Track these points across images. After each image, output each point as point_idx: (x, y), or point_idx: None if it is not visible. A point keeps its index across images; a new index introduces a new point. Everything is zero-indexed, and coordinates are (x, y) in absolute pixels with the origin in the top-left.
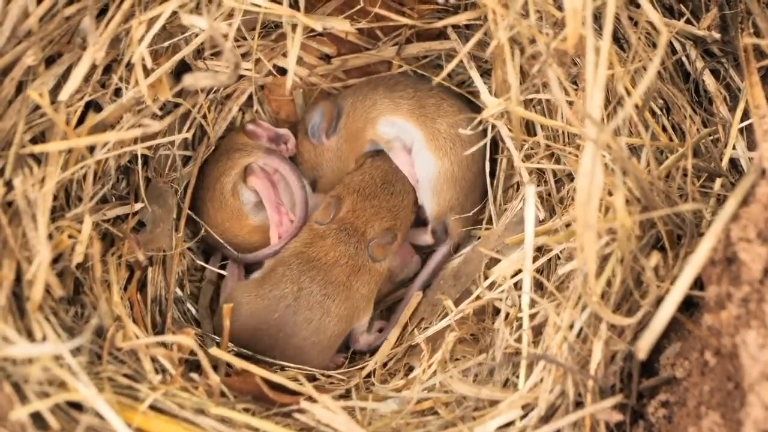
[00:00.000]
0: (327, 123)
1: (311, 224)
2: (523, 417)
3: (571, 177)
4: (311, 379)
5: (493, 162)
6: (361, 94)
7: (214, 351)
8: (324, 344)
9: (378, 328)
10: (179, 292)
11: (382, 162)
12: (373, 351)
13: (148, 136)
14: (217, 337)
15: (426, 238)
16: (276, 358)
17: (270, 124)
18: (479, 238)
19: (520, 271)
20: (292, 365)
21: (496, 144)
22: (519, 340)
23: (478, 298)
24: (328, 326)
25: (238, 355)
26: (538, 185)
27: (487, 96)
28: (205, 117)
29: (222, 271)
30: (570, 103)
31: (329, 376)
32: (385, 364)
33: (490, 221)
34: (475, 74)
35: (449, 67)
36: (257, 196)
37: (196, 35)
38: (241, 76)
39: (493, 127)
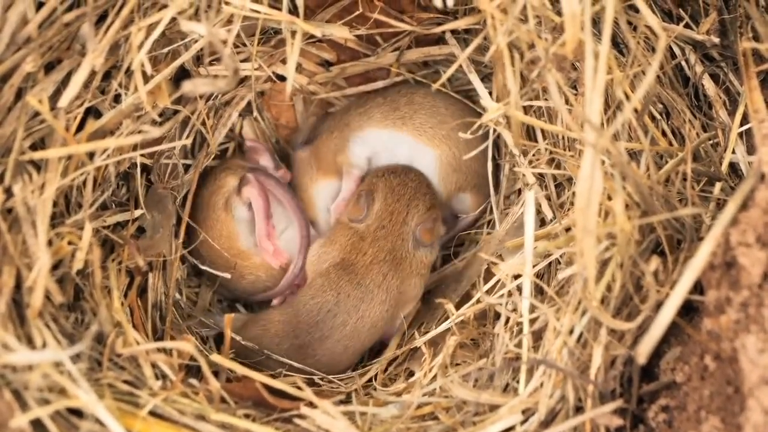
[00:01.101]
0: (306, 135)
1: (346, 223)
2: (523, 422)
3: (571, 181)
4: (311, 384)
5: (497, 167)
6: (345, 108)
7: (214, 357)
8: (355, 348)
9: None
10: (179, 297)
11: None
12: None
13: (148, 143)
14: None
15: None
16: (307, 363)
17: (269, 145)
18: (479, 242)
19: (520, 275)
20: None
21: (498, 149)
22: (519, 344)
23: (478, 302)
24: (361, 330)
25: (237, 360)
26: (540, 190)
27: (487, 100)
28: (204, 124)
29: (219, 273)
30: (569, 108)
31: (330, 381)
32: (385, 369)
33: (492, 225)
34: (474, 78)
35: (449, 72)
36: (250, 213)
37: (196, 41)
38: (240, 82)
39: (495, 132)
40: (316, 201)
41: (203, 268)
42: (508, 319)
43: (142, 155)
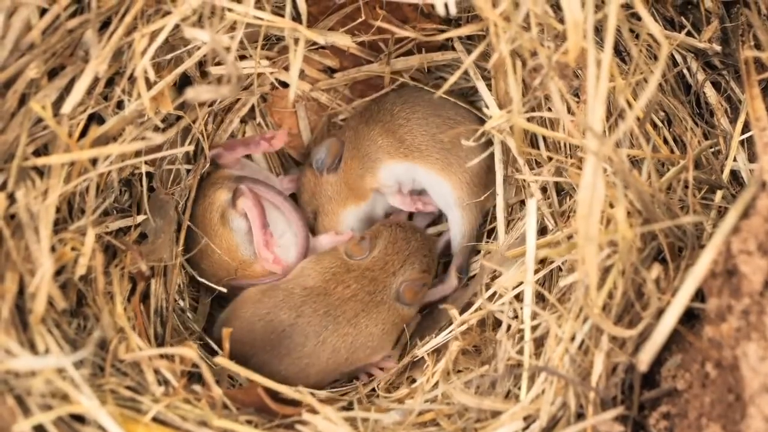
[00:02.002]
0: (330, 159)
1: (341, 255)
2: (525, 428)
3: (574, 189)
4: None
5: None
6: (357, 133)
7: (219, 359)
8: (319, 367)
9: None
10: (181, 303)
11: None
12: None
13: (151, 149)
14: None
15: (450, 283)
16: (273, 371)
17: (227, 142)
18: (481, 252)
19: (521, 283)
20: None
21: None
22: (521, 352)
23: (479, 309)
24: (321, 354)
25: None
26: (543, 198)
27: (494, 108)
28: (204, 130)
29: (217, 287)
30: (572, 116)
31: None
32: (388, 380)
33: (494, 235)
34: (481, 86)
35: (452, 79)
36: (248, 223)
37: (199, 48)
38: (243, 89)
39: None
40: (343, 223)
41: (201, 280)
42: (509, 327)
43: (144, 162)
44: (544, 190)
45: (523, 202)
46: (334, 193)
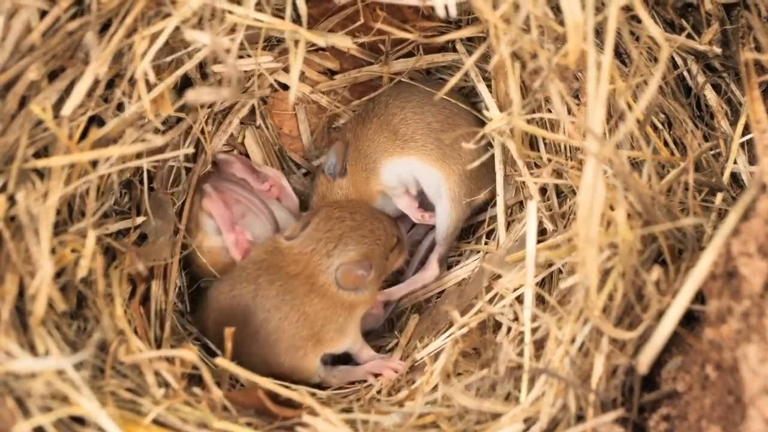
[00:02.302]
0: (340, 164)
1: (277, 238)
2: (525, 431)
3: (573, 191)
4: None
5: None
6: (355, 134)
7: (219, 360)
8: (288, 343)
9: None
10: (180, 306)
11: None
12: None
13: (151, 151)
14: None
15: (431, 272)
16: (251, 358)
17: (253, 163)
18: (480, 252)
19: (522, 285)
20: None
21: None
22: (521, 354)
23: (479, 312)
24: (287, 328)
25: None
26: (542, 200)
27: (495, 110)
28: (203, 132)
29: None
30: (572, 119)
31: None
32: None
33: (494, 236)
34: (483, 88)
35: (453, 80)
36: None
37: (199, 50)
38: (244, 92)
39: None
40: None
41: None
42: (509, 329)
43: (145, 163)
44: (543, 191)
45: (522, 204)
46: (343, 197)
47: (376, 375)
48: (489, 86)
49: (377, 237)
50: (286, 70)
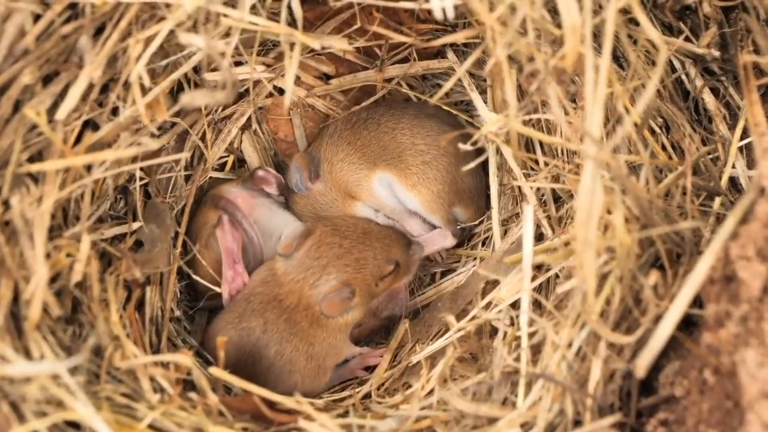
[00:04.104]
0: (306, 172)
1: (273, 262)
2: None
3: (570, 195)
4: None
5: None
6: (331, 145)
7: (213, 370)
8: (301, 373)
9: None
10: (177, 312)
11: (372, 221)
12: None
13: (146, 156)
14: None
15: (447, 241)
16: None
17: (280, 176)
18: (477, 258)
19: (518, 290)
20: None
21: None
22: (518, 359)
23: (475, 317)
24: (298, 360)
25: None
26: (541, 206)
27: (485, 111)
28: (203, 137)
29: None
30: (569, 122)
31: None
32: (382, 384)
33: (490, 242)
34: (475, 96)
35: (447, 86)
36: None
37: (194, 54)
38: (241, 97)
39: (496, 148)
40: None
41: (200, 282)
42: (506, 334)
43: (140, 168)
44: (539, 195)
45: (518, 215)
46: (331, 200)
47: (367, 369)
48: (483, 94)
49: (362, 266)
50: (282, 75)
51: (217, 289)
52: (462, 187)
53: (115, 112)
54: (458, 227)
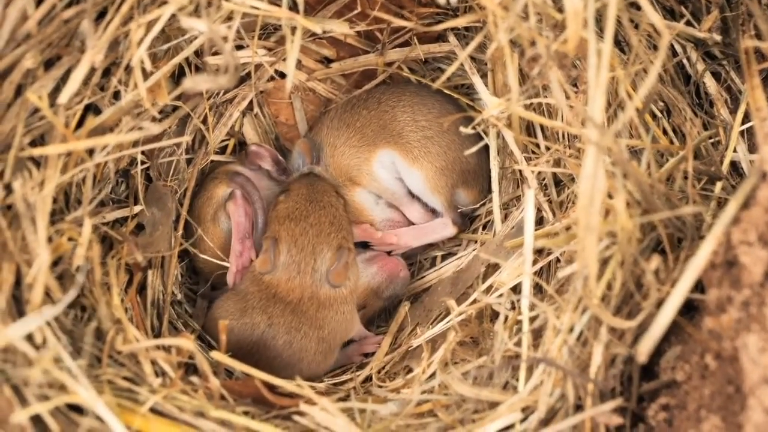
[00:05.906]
0: (309, 157)
1: (256, 275)
2: (522, 420)
3: (572, 180)
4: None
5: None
6: (332, 129)
7: (215, 354)
8: (310, 358)
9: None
10: (178, 296)
11: (302, 182)
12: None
13: (148, 140)
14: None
15: (447, 231)
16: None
17: (275, 150)
18: (477, 242)
19: (520, 274)
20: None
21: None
22: (519, 343)
23: (476, 301)
24: (309, 346)
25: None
26: (542, 190)
27: (486, 96)
28: (204, 121)
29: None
30: (570, 106)
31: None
32: (383, 368)
33: (491, 226)
34: (477, 80)
35: (450, 70)
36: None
37: (195, 38)
38: (242, 81)
39: (497, 132)
40: (367, 208)
41: (200, 265)
42: (507, 318)
43: (141, 152)
44: (540, 180)
45: (518, 198)
46: (333, 177)
47: (365, 355)
48: (484, 77)
49: (335, 222)
50: (283, 59)
51: (224, 264)
52: (466, 168)
53: (116, 96)
54: (459, 211)
